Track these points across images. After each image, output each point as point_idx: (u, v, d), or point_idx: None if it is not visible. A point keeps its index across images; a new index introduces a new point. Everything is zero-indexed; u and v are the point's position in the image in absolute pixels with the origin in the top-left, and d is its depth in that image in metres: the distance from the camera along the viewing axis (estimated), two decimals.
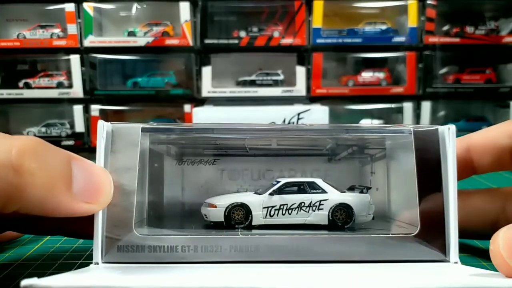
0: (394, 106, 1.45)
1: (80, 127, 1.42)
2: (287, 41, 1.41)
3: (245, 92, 1.42)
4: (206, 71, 1.42)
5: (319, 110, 1.14)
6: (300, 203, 0.42)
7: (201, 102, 1.39)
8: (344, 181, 0.45)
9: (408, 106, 1.44)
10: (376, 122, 1.49)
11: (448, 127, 0.37)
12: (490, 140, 0.43)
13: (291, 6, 1.41)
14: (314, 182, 0.43)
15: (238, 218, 0.41)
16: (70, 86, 1.42)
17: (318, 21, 1.40)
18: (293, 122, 1.09)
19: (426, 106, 1.44)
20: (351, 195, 0.43)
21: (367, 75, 1.47)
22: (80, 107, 1.42)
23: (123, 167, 0.35)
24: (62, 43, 1.40)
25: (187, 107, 1.44)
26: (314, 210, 0.42)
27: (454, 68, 1.51)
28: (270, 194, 0.42)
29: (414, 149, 0.37)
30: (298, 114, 1.10)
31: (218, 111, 1.18)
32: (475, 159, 0.43)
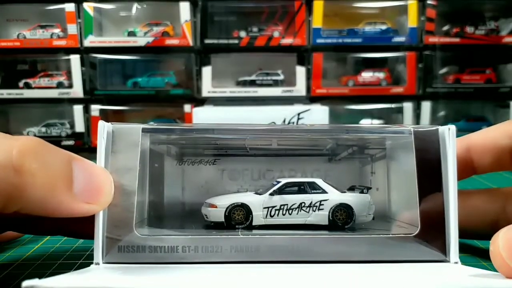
0: (394, 106, 1.45)
1: (80, 127, 1.42)
2: (287, 41, 1.41)
3: (245, 92, 1.42)
4: (206, 71, 1.42)
5: (319, 110, 1.14)
6: (300, 203, 0.42)
7: (201, 102, 1.39)
8: (344, 181, 0.45)
9: (408, 106, 1.44)
10: (376, 122, 1.49)
11: (448, 127, 0.37)
12: (490, 140, 0.43)
13: (291, 6, 1.41)
14: (314, 182, 0.43)
15: (238, 218, 0.41)
16: (70, 86, 1.42)
17: (318, 21, 1.40)
18: (293, 122, 1.09)
19: (426, 106, 1.44)
20: (352, 195, 0.43)
21: (367, 75, 1.47)
22: (80, 107, 1.42)
23: (124, 168, 0.35)
24: (62, 43, 1.40)
25: (187, 107, 1.44)
26: (314, 210, 0.42)
27: (454, 68, 1.51)
28: (271, 194, 0.42)
29: (414, 149, 0.37)
30: (298, 114, 1.10)
31: (218, 111, 1.18)
32: (475, 159, 0.43)
